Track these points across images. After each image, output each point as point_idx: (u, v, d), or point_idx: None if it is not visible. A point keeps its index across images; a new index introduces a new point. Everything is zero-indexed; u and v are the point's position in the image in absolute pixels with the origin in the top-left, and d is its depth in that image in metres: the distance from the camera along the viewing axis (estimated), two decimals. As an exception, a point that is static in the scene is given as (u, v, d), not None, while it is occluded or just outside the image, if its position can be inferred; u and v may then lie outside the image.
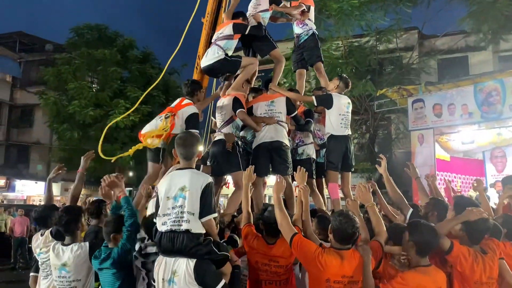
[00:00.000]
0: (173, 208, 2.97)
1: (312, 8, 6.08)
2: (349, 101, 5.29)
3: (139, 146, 4.60)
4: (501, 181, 5.86)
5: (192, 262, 2.90)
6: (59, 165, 4.83)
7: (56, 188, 24.97)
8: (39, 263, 4.06)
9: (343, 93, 5.29)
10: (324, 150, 5.46)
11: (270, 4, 5.61)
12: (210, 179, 3.09)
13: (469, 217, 3.15)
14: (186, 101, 4.71)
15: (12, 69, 25.93)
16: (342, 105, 5.16)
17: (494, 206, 4.89)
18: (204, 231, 3.00)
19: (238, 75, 5.44)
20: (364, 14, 14.71)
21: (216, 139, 5.02)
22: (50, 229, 4.04)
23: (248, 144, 5.25)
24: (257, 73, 5.70)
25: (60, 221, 3.59)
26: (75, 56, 20.07)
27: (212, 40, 5.39)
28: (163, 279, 2.93)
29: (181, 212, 2.94)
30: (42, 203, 23.57)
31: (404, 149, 15.89)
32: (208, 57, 5.17)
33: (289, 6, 5.93)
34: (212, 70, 5.30)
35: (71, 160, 20.42)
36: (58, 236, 3.86)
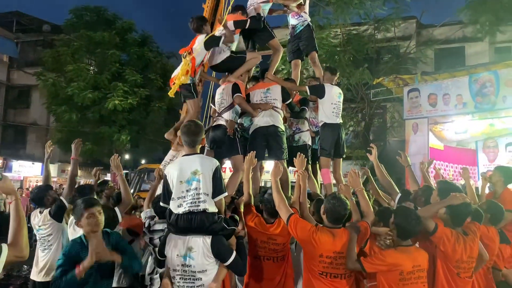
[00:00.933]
0: (187, 191, 3.21)
1: (308, 2, 6.25)
2: (341, 91, 5.56)
3: (174, 88, 5.06)
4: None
5: (208, 239, 3.16)
6: (48, 143, 5.05)
7: (53, 169, 24.97)
8: (37, 237, 4.46)
9: (334, 83, 5.51)
10: (318, 137, 5.70)
11: None
12: (217, 162, 3.34)
13: (453, 201, 3.39)
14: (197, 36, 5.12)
15: (9, 49, 25.76)
16: (334, 94, 5.43)
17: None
18: (216, 210, 3.26)
19: None
20: (363, 2, 14.78)
21: (215, 123, 5.21)
22: (48, 209, 4.40)
23: (245, 130, 5.45)
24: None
25: (73, 200, 3.84)
26: (74, 38, 20.04)
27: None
28: (177, 255, 3.17)
29: (197, 194, 3.19)
30: (40, 183, 23.78)
31: (398, 138, 16.12)
32: (215, 57, 5.35)
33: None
34: (219, 67, 5.49)
35: (68, 141, 20.35)
36: (56, 216, 4.32)
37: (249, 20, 5.46)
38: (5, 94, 25.84)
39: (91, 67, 20.95)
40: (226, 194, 3.36)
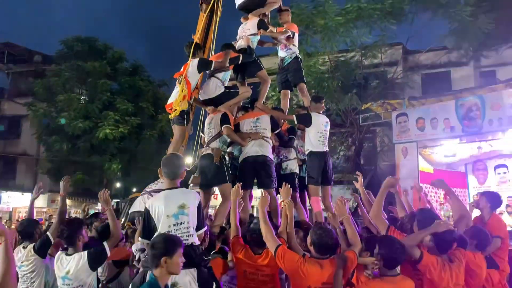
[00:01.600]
0: (174, 225, 3.19)
1: (296, 35, 6.48)
2: (327, 120, 5.63)
3: (174, 114, 5.24)
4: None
5: (194, 272, 3.15)
6: (39, 185, 5.00)
7: (42, 200, 24.75)
8: (19, 275, 4.26)
9: (321, 112, 5.60)
10: (305, 165, 5.76)
11: (259, 29, 5.94)
12: (199, 195, 3.41)
13: (437, 229, 3.42)
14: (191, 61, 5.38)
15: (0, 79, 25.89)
16: (321, 123, 5.50)
17: None
18: (199, 243, 3.28)
19: None
20: (350, 30, 15.14)
21: (204, 153, 5.27)
22: (33, 244, 4.28)
23: (235, 159, 5.51)
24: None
25: (62, 234, 3.81)
26: (65, 68, 20.17)
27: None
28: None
29: (186, 228, 3.20)
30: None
31: (388, 162, 16.23)
32: (210, 91, 5.50)
33: (275, 31, 6.29)
34: (213, 102, 5.60)
35: (58, 171, 20.38)
36: (40, 252, 4.18)
37: (241, 56, 5.65)
38: (-5, 125, 25.71)
39: (82, 97, 21.00)
40: (205, 228, 3.42)
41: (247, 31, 5.95)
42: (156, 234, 3.23)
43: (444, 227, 3.38)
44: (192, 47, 5.47)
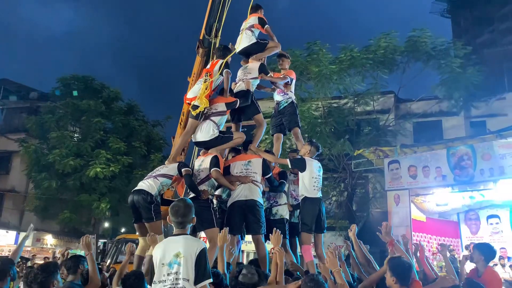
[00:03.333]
0: (168, 274, 3.01)
1: (294, 81, 6.57)
2: (320, 165, 5.59)
3: (202, 107, 5.53)
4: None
5: None
6: (31, 226, 4.88)
7: (28, 238, 24.12)
8: None
9: (314, 157, 5.58)
10: (298, 211, 5.65)
11: (260, 73, 6.05)
12: (204, 244, 3.14)
13: (444, 284, 3.32)
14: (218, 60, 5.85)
15: (-7, 115, 25.89)
16: (315, 168, 5.45)
17: None
18: None
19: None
20: (343, 78, 15.49)
21: (191, 196, 5.16)
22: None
23: (223, 202, 5.41)
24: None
25: (36, 279, 3.61)
26: (60, 105, 20.24)
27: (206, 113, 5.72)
28: None
29: (176, 279, 2.98)
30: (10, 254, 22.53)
31: (381, 209, 16.13)
32: (204, 134, 5.54)
33: (273, 76, 6.42)
34: (206, 144, 5.60)
35: (46, 209, 20.01)
36: None
37: (238, 101, 5.72)
38: (-15, 160, 25.42)
39: (75, 135, 20.96)
40: (210, 280, 3.09)
41: (248, 75, 6.03)
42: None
43: (450, 282, 3.30)
44: (222, 50, 5.98)
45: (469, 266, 5.25)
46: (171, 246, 3.11)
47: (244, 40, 6.30)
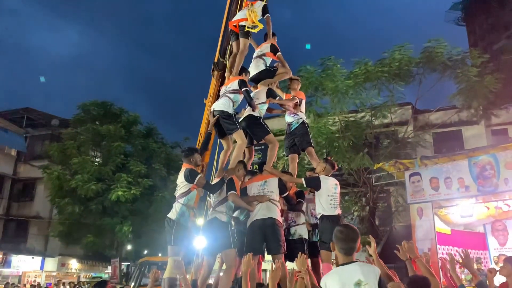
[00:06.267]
0: None
1: (304, 102, 6.65)
2: (337, 182, 5.55)
3: (258, 28, 6.47)
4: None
5: None
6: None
7: (52, 263, 24.44)
8: None
9: (330, 174, 5.57)
10: (317, 229, 5.61)
11: (267, 97, 6.17)
12: (379, 269, 3.04)
13: None
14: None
15: (18, 144, 26.54)
16: (330, 186, 5.41)
17: None
18: None
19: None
20: (359, 92, 15.44)
21: (210, 217, 5.20)
22: None
23: (241, 224, 5.41)
24: (253, 157, 6.31)
25: None
26: (81, 131, 20.69)
27: (221, 93, 6.16)
28: None
29: None
30: (38, 279, 22.74)
31: (404, 222, 15.81)
32: (219, 104, 5.95)
33: (284, 97, 6.51)
34: (221, 113, 5.85)
35: (70, 234, 20.29)
36: None
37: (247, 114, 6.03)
38: (10, 187, 26.04)
39: (96, 159, 21.34)
40: None
41: (256, 100, 6.12)
42: None
43: None
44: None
45: (498, 279, 5.09)
46: (349, 275, 2.89)
47: (252, 68, 6.54)
